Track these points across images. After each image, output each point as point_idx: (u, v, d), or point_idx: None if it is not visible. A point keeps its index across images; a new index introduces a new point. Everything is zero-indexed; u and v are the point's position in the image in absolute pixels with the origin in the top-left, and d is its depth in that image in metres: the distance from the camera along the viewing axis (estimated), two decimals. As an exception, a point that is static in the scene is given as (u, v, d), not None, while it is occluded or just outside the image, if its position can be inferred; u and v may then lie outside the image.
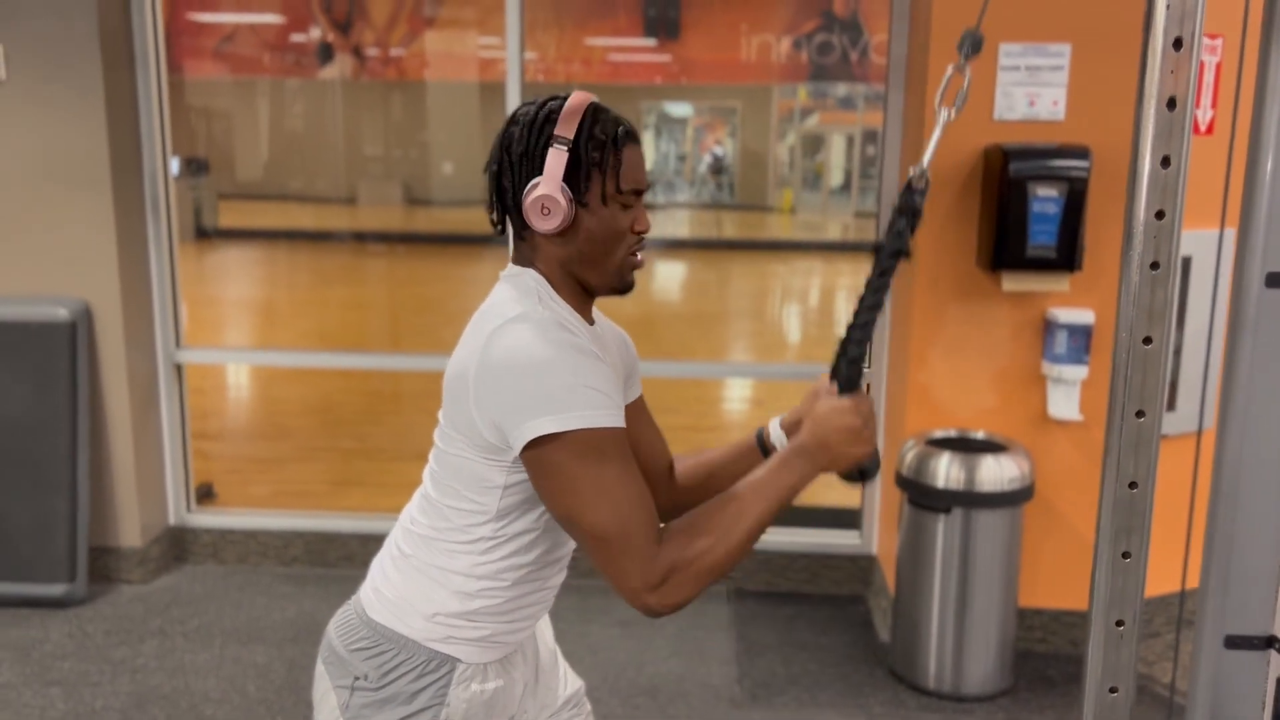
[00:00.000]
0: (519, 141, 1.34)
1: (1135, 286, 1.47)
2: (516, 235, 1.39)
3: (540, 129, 1.33)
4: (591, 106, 1.35)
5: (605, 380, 1.27)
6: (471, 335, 1.32)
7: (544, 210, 1.32)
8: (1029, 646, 3.28)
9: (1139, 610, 1.50)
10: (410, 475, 5.09)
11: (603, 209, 1.34)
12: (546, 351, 1.24)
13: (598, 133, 1.33)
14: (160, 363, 3.77)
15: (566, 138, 1.31)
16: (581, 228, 1.34)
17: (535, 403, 1.23)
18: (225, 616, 3.45)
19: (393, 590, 1.41)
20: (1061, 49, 2.93)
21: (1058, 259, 2.91)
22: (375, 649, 1.39)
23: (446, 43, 5.61)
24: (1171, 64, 1.41)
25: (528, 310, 1.29)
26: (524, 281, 1.37)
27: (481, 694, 1.41)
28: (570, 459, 1.23)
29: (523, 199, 1.33)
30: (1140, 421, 1.49)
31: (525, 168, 1.33)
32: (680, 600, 1.25)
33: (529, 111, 1.35)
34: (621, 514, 1.24)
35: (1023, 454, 3.00)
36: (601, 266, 1.37)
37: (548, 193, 1.31)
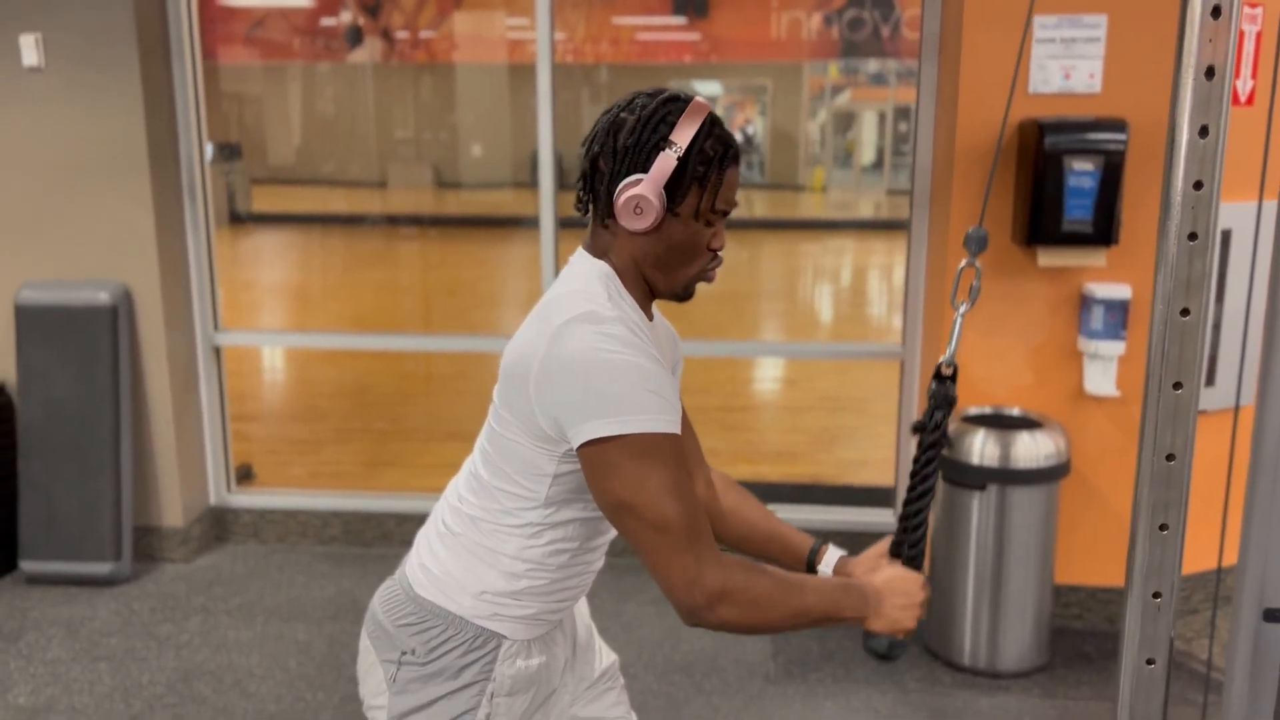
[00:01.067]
0: (629, 132, 1.31)
1: (1173, 258, 1.46)
2: (598, 220, 1.38)
3: (655, 127, 1.31)
4: (710, 118, 1.33)
5: (666, 387, 1.27)
6: (537, 323, 1.31)
7: (636, 209, 1.31)
8: (1065, 623, 3.27)
9: (1176, 583, 1.49)
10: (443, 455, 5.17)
11: (691, 222, 1.33)
12: (612, 354, 1.24)
13: (708, 147, 1.31)
14: (199, 345, 3.83)
15: (679, 145, 1.30)
16: (665, 234, 1.34)
17: (597, 404, 1.23)
18: (266, 595, 3.51)
19: (440, 567, 1.42)
20: (1098, 20, 2.90)
21: (1094, 233, 2.88)
22: (422, 625, 1.41)
23: (475, 24, 5.62)
24: (1210, 32, 1.40)
25: (597, 309, 1.28)
26: (596, 274, 1.36)
27: (526, 669, 1.43)
28: (627, 460, 1.23)
29: (617, 191, 1.31)
30: (1178, 394, 1.48)
31: (629, 160, 1.31)
32: (725, 619, 1.25)
33: (646, 104, 1.33)
34: (687, 509, 1.24)
35: (1059, 430, 2.98)
36: (674, 275, 1.38)
37: (645, 194, 1.29)
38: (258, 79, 6.01)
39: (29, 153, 3.53)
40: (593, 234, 1.40)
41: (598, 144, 1.35)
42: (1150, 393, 1.48)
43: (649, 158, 1.30)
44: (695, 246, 1.35)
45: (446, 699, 1.40)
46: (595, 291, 1.33)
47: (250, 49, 5.21)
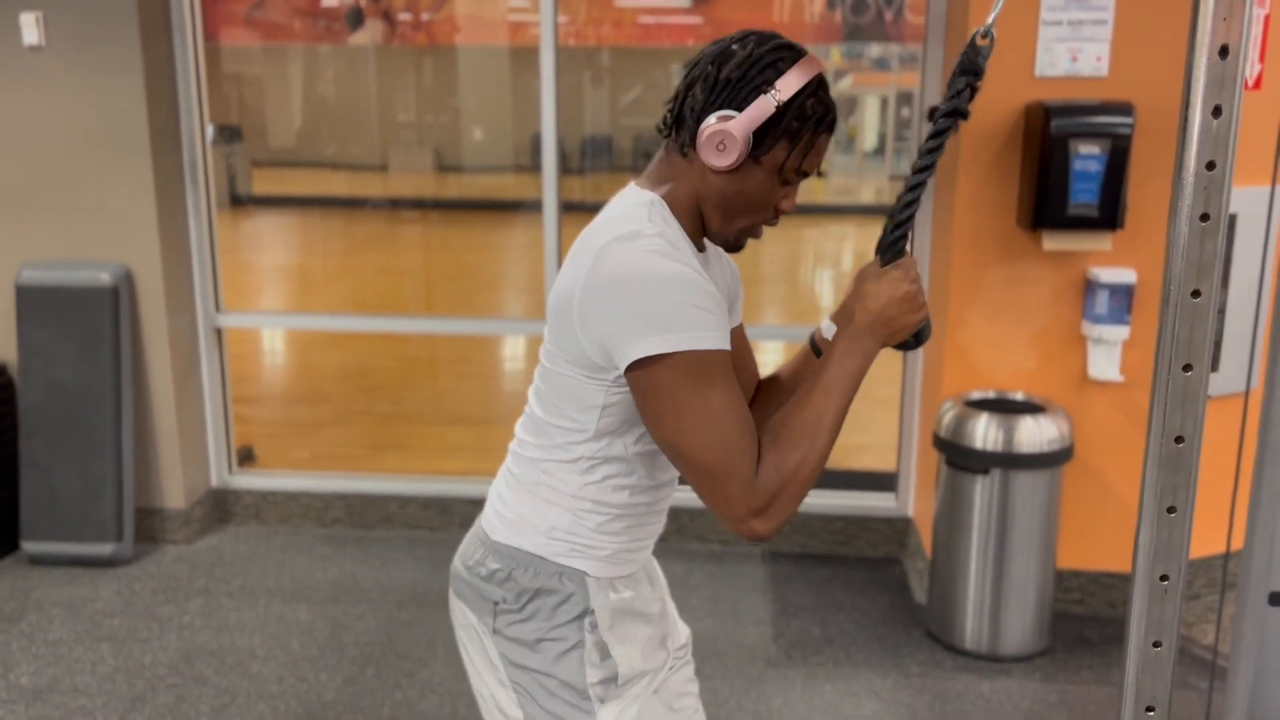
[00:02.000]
0: (736, 66, 1.27)
1: (1184, 239, 1.45)
2: (676, 146, 1.33)
3: (762, 69, 1.26)
4: (819, 77, 1.29)
5: (712, 301, 1.24)
6: (578, 253, 1.29)
7: (720, 146, 1.26)
8: (1066, 608, 3.28)
9: (1184, 566, 1.49)
10: (446, 439, 5.15)
11: (770, 175, 1.30)
12: (655, 269, 1.21)
13: (809, 105, 1.27)
14: (201, 327, 3.82)
15: (782, 93, 1.25)
16: (740, 178, 1.30)
17: (643, 322, 1.20)
18: (268, 576, 3.52)
19: (510, 510, 1.42)
20: (1105, 2, 2.88)
21: (1100, 218, 2.87)
22: (504, 571, 1.40)
23: (477, 6, 5.59)
24: (1224, 10, 1.38)
25: (639, 228, 1.26)
26: (639, 202, 1.32)
27: (620, 601, 1.42)
28: (676, 380, 1.21)
29: (706, 120, 1.27)
30: (1187, 375, 1.48)
31: (725, 93, 1.27)
32: (785, 518, 1.24)
33: (759, 43, 1.28)
34: (728, 442, 1.22)
35: (1062, 415, 2.97)
36: (731, 221, 1.34)
37: (733, 133, 1.25)
38: (258, 61, 5.97)
39: (30, 132, 3.52)
40: (660, 161, 1.36)
41: (699, 69, 1.30)
42: (1160, 375, 1.47)
43: (748, 97, 1.26)
44: (764, 200, 1.32)
45: (549, 639, 1.39)
46: (637, 215, 1.29)
47: (251, 30, 5.18)
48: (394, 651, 3.04)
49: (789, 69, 1.26)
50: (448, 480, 3.92)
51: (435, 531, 3.86)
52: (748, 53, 1.27)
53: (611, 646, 1.40)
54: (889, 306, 1.31)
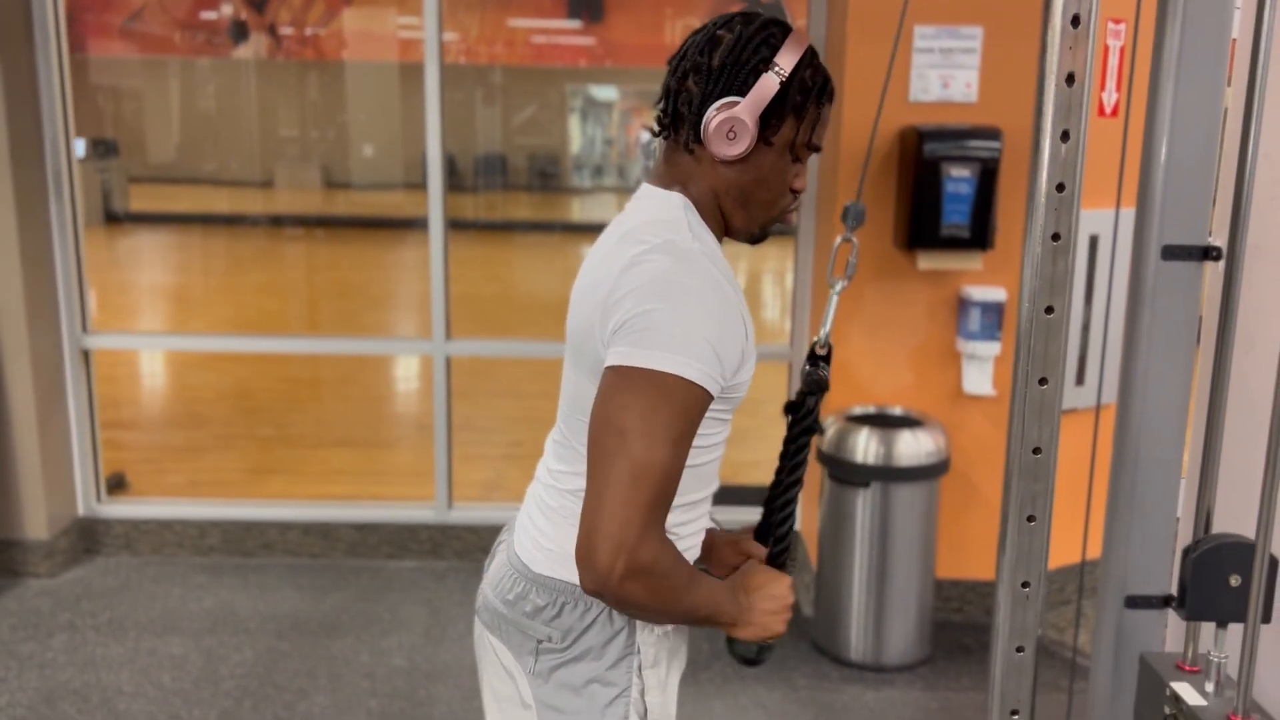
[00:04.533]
0: (728, 50, 1.21)
1: (1037, 257, 1.51)
2: (680, 146, 1.27)
3: (757, 47, 1.21)
4: (811, 48, 1.24)
5: (729, 337, 1.17)
6: (609, 252, 1.23)
7: (730, 134, 1.20)
8: (946, 616, 3.37)
9: (1043, 572, 1.55)
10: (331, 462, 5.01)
11: (782, 155, 1.24)
12: (684, 284, 1.15)
13: (809, 77, 1.22)
14: (66, 349, 3.65)
15: (783, 68, 1.20)
16: (754, 165, 1.24)
17: (648, 335, 1.13)
18: (139, 608, 3.36)
19: (551, 541, 1.33)
20: (974, 32, 3.00)
21: (971, 238, 2.98)
22: (553, 605, 1.30)
23: (365, 22, 5.51)
24: (1070, 40, 1.45)
25: (677, 239, 1.19)
26: (671, 204, 1.26)
27: (665, 636, 1.36)
28: (652, 392, 1.12)
29: (710, 112, 1.21)
30: (1043, 389, 1.54)
31: (724, 80, 1.21)
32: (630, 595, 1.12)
33: (747, 23, 1.22)
34: (672, 469, 1.12)
35: (939, 429, 3.07)
36: (755, 211, 1.29)
37: (742, 118, 1.19)
38: (135, 73, 5.76)
39: (-125, 143, 3.31)
40: (666, 162, 1.29)
41: (689, 61, 1.24)
42: (1017, 388, 1.53)
43: (748, 79, 1.20)
44: (781, 182, 1.27)
45: (598, 682, 1.30)
46: (675, 220, 1.23)
47: (128, 42, 5.00)
48: (272, 683, 2.94)
49: (783, 44, 1.22)
50: (331, 505, 3.82)
51: (317, 558, 3.75)
52: (737, 35, 1.22)
53: (649, 692, 1.33)
54: (765, 602, 1.32)
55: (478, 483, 4.32)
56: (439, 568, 3.70)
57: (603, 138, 9.43)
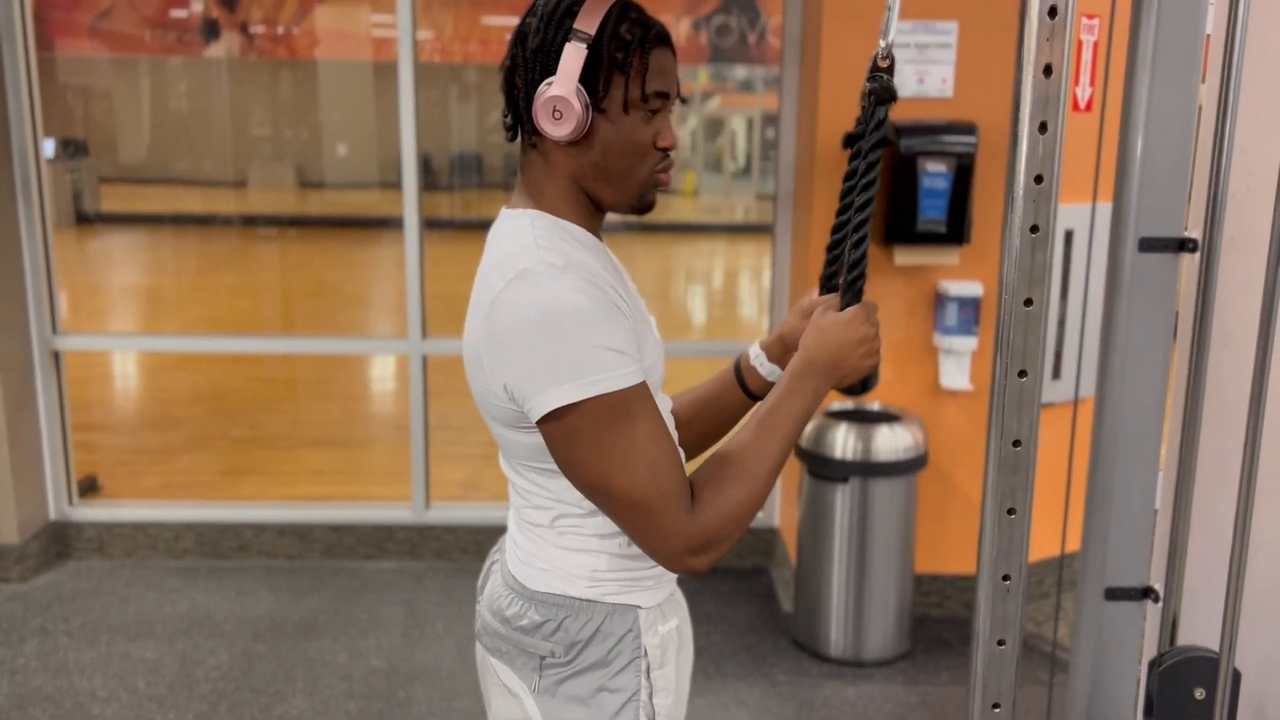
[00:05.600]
0: (534, 34, 1.19)
1: (1016, 250, 1.51)
2: (527, 144, 1.25)
3: (559, 21, 1.18)
4: (620, 6, 1.20)
5: (620, 330, 1.15)
6: (476, 303, 1.21)
7: (555, 114, 1.17)
8: (925, 611, 3.38)
9: (1024, 565, 1.54)
10: (307, 462, 4.96)
11: (624, 117, 1.20)
12: (552, 309, 1.12)
13: (623, 31, 1.18)
14: (36, 350, 3.59)
15: (586, 33, 1.16)
16: (598, 137, 1.20)
17: (548, 371, 1.12)
18: (112, 612, 3.31)
19: (544, 560, 1.31)
20: (949, 27, 3.00)
21: (947, 233, 2.98)
22: (554, 620, 1.29)
23: (339, 20, 5.46)
24: (1047, 31, 1.45)
25: (529, 264, 1.15)
26: (519, 227, 1.22)
27: (668, 633, 1.34)
28: (594, 425, 1.13)
29: (534, 100, 1.18)
30: (1022, 381, 1.53)
31: (539, 65, 1.18)
32: (722, 553, 1.18)
33: (549, 1, 1.20)
34: (657, 476, 1.14)
35: (916, 424, 3.07)
36: (620, 183, 1.24)
37: (560, 94, 1.16)
38: (106, 72, 5.70)
39: None
40: (521, 171, 1.28)
41: (509, 57, 1.23)
42: (996, 381, 1.53)
43: (559, 55, 1.17)
44: (636, 145, 1.21)
45: (606, 690, 1.28)
46: (523, 244, 1.19)
47: (98, 41, 4.94)
48: (249, 686, 2.90)
49: (583, 6, 1.18)
50: (307, 506, 3.78)
51: (293, 559, 3.72)
52: (540, 15, 1.20)
53: (658, 694, 1.32)
54: (845, 348, 1.28)
55: (455, 482, 4.29)
56: (417, 568, 3.68)
57: (579, 136, 9.42)
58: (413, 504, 3.74)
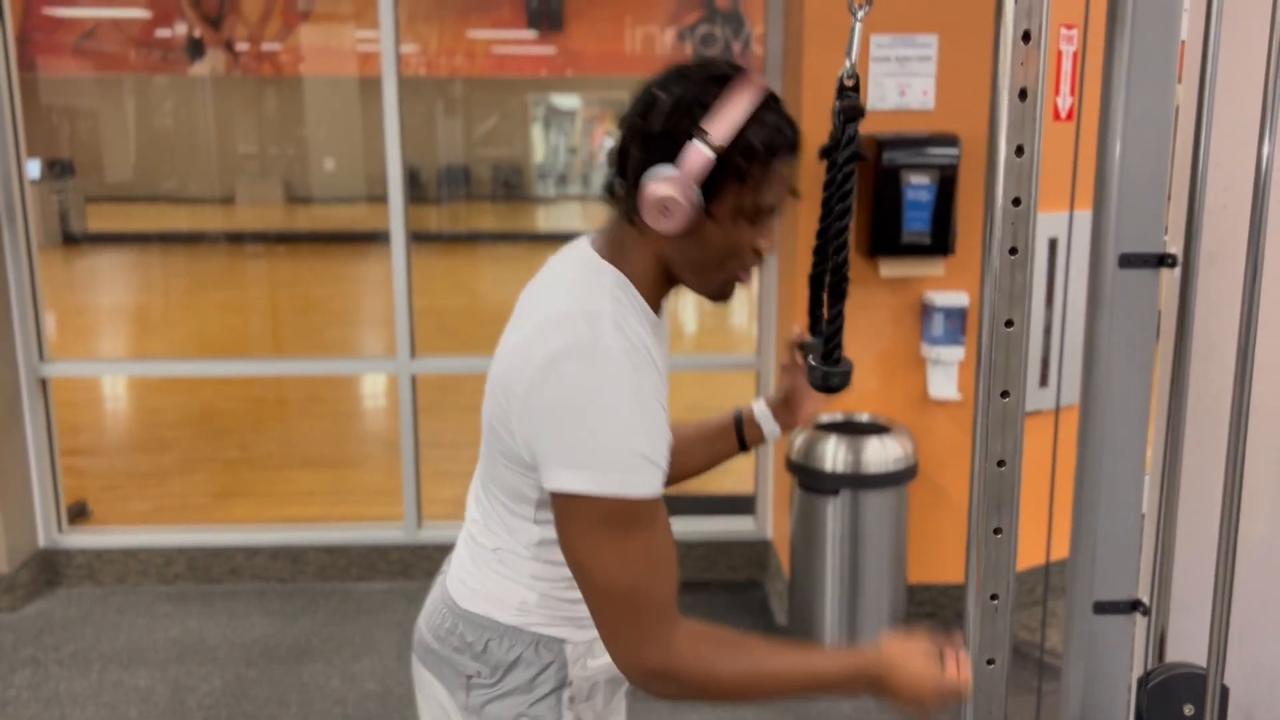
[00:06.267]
0: (660, 114, 1.12)
1: (996, 271, 1.51)
2: (622, 211, 1.20)
3: (689, 110, 1.12)
4: (762, 100, 1.14)
5: (658, 438, 1.14)
6: (526, 339, 1.16)
7: (663, 210, 1.13)
8: (919, 621, 3.38)
9: (1012, 583, 1.55)
10: (298, 483, 4.92)
11: (731, 224, 1.16)
12: (602, 404, 1.10)
13: (754, 138, 1.13)
14: (23, 377, 3.58)
15: (716, 137, 1.11)
16: (700, 235, 1.16)
17: (573, 453, 1.10)
18: (103, 640, 3.30)
19: (477, 581, 1.32)
20: (929, 40, 3.01)
21: (932, 244, 2.99)
22: (480, 643, 1.30)
23: (323, 37, 5.46)
24: (1021, 56, 1.46)
25: (597, 339, 1.11)
26: (598, 286, 1.18)
27: (597, 668, 1.33)
28: (597, 520, 1.12)
29: (644, 184, 1.13)
30: (1005, 401, 1.54)
31: (659, 148, 1.12)
32: (675, 696, 1.16)
33: (684, 82, 1.13)
34: (639, 584, 1.14)
35: (906, 434, 3.08)
36: (706, 276, 1.22)
37: (673, 195, 1.11)
38: (91, 92, 5.69)
39: None
40: (614, 223, 1.23)
41: (628, 123, 1.16)
42: (980, 401, 1.53)
43: (681, 149, 1.12)
44: (736, 250, 1.18)
45: (526, 717, 1.28)
46: (599, 310, 1.15)
47: (81, 61, 4.93)
48: (242, 711, 2.89)
49: (718, 103, 1.12)
50: (299, 528, 3.77)
51: (286, 583, 3.70)
52: (673, 98, 1.13)
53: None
54: (912, 684, 1.30)
55: (448, 500, 4.28)
56: (410, 588, 3.67)
57: (566, 146, 9.42)
58: (404, 524, 3.73)
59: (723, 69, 1.16)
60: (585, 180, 9.55)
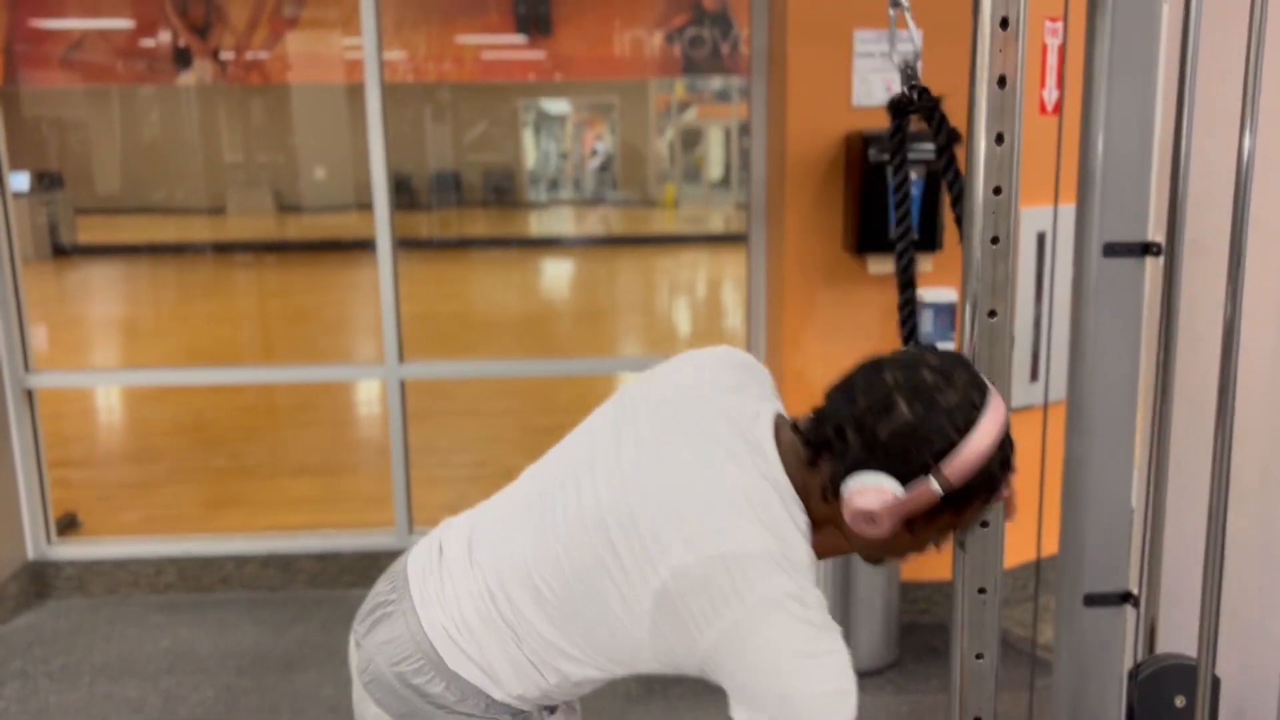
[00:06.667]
0: (897, 431, 1.08)
1: (977, 262, 1.50)
2: (821, 479, 1.15)
3: (929, 440, 1.07)
4: (1001, 438, 1.10)
5: (840, 666, 1.13)
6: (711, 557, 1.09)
7: (868, 520, 1.10)
8: (912, 619, 3.36)
9: (999, 578, 1.53)
10: (289, 491, 4.90)
11: (926, 538, 1.16)
12: (807, 660, 1.08)
13: (983, 482, 1.10)
14: (9, 389, 3.55)
15: (950, 484, 1.08)
16: (890, 540, 1.15)
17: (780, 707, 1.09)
18: (94, 652, 3.27)
19: (480, 654, 1.26)
20: (912, 33, 3.00)
21: (920, 240, 2.98)
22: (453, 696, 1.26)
23: (310, 44, 5.45)
24: (1000, 43, 1.45)
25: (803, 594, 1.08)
26: (796, 530, 1.13)
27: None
28: None
29: (853, 482, 1.10)
30: (990, 393, 1.52)
31: (883, 460, 1.09)
32: None
33: (929, 404, 1.08)
34: None
35: (897, 432, 3.07)
36: (875, 556, 1.23)
37: (883, 516, 1.09)
38: (79, 104, 5.67)
39: None
40: (805, 464, 1.17)
41: (857, 408, 1.11)
42: (965, 393, 1.52)
43: (908, 476, 1.08)
44: (919, 547, 1.19)
45: None
46: (800, 560, 1.11)
47: (68, 72, 4.92)
48: (233, 722, 2.87)
49: (963, 445, 1.07)
50: (290, 536, 3.75)
51: (277, 591, 3.68)
52: (914, 417, 1.08)
53: None
54: None
55: (440, 505, 4.27)
56: (402, 594, 3.64)
57: (557, 151, 9.41)
58: (395, 530, 3.71)
59: (972, 393, 1.11)
60: (577, 185, 9.54)
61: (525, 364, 3.91)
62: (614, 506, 1.16)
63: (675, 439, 1.20)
